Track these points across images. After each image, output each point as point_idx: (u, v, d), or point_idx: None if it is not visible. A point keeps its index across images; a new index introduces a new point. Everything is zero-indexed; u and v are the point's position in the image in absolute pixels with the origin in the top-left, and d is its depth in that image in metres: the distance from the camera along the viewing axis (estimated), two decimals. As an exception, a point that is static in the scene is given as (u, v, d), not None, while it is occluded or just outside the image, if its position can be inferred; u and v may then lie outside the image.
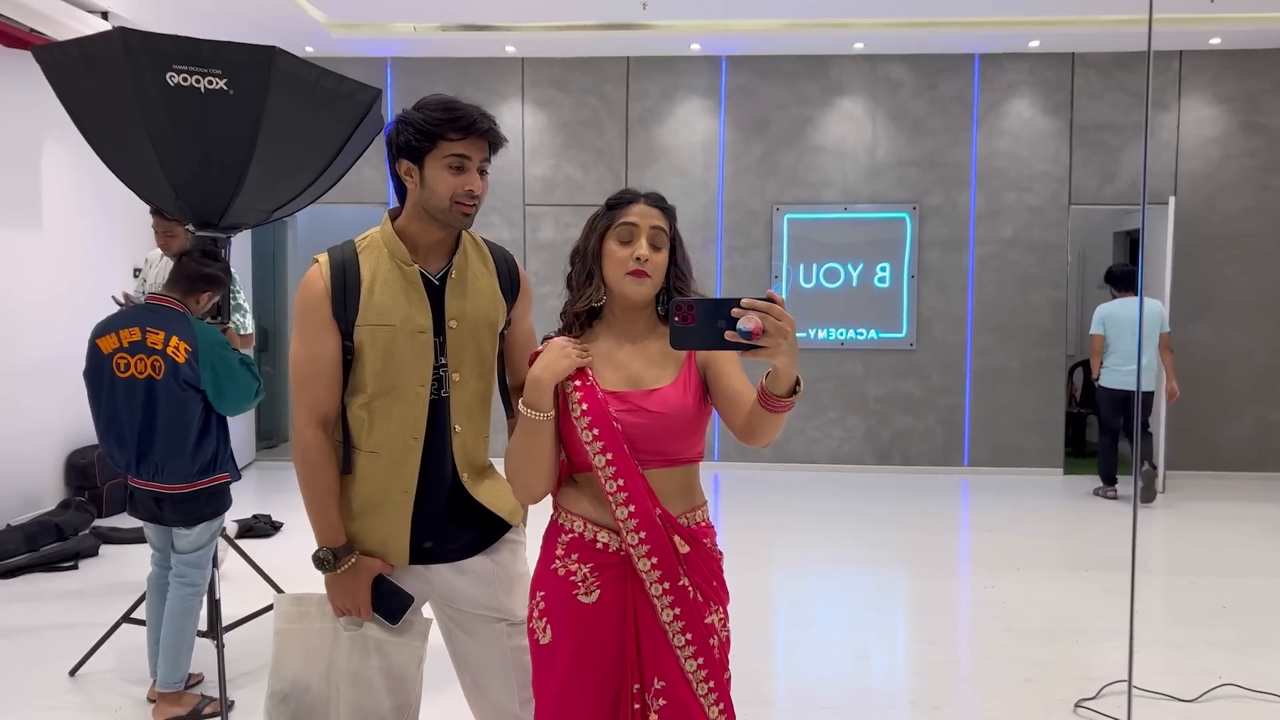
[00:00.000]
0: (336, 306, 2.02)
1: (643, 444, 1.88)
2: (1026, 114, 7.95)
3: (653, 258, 1.91)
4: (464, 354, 2.10)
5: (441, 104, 2.01)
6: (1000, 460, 8.05)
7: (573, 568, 1.92)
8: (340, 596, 2.06)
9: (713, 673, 1.89)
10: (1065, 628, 4.40)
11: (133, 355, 3.23)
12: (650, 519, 1.86)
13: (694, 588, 1.89)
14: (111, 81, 3.33)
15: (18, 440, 5.78)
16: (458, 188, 2.02)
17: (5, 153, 5.70)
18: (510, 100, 8.17)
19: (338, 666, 2.08)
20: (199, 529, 3.34)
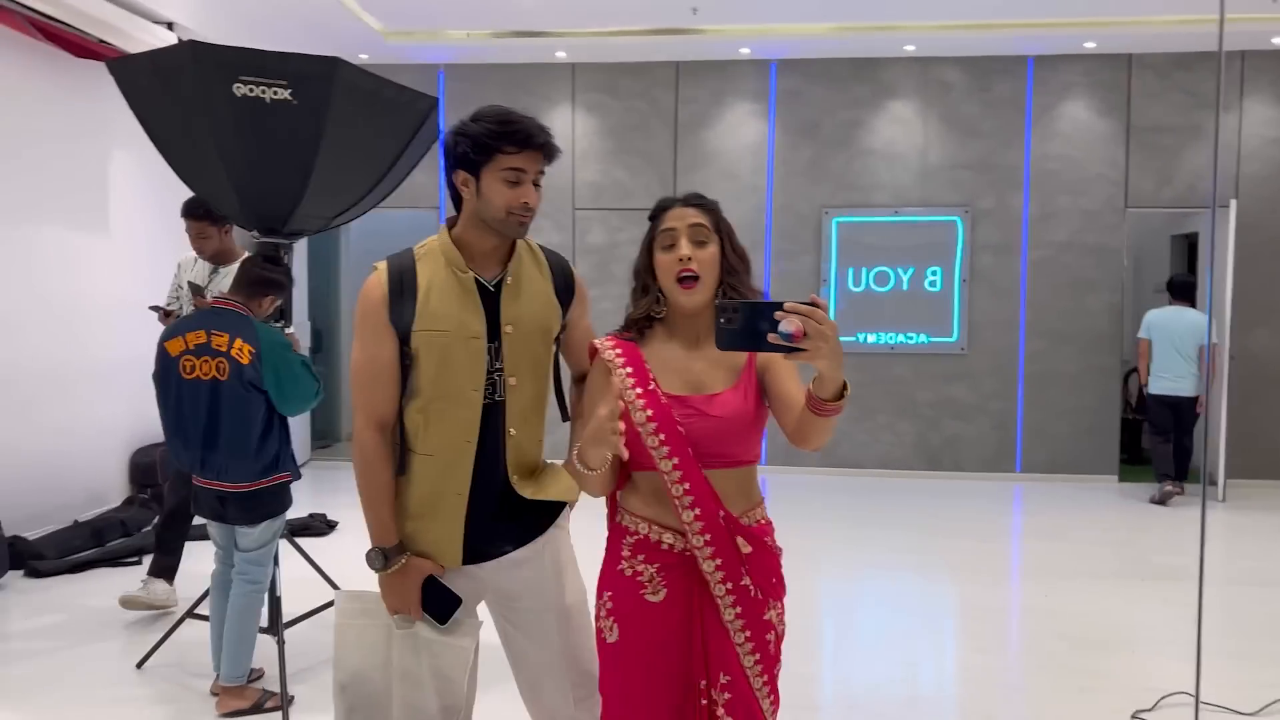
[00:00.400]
0: (394, 313, 2.07)
1: (705, 447, 1.92)
2: (1081, 116, 7.84)
3: (697, 254, 1.94)
4: (520, 359, 2.14)
5: (498, 117, 2.04)
6: (1053, 467, 7.94)
7: (639, 568, 1.97)
8: (391, 596, 2.12)
9: (766, 667, 1.97)
10: (1120, 637, 4.34)
11: (198, 357, 3.32)
12: (714, 521, 1.91)
13: (755, 586, 1.95)
14: (181, 92, 3.44)
15: (84, 439, 5.96)
16: (513, 200, 2.05)
17: (75, 160, 5.89)
18: (560, 105, 8.24)
19: (391, 663, 2.14)
20: (261, 527, 3.43)
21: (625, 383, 1.97)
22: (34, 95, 5.56)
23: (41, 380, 5.62)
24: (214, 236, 4.26)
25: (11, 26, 5.08)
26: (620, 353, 2.01)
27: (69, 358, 5.79)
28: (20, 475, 5.44)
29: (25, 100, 5.51)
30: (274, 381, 3.34)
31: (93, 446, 6.06)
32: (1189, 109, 7.73)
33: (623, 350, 2.01)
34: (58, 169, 5.75)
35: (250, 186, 3.56)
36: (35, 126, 5.58)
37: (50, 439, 5.70)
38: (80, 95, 5.87)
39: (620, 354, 2.01)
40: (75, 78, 5.81)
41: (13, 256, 5.44)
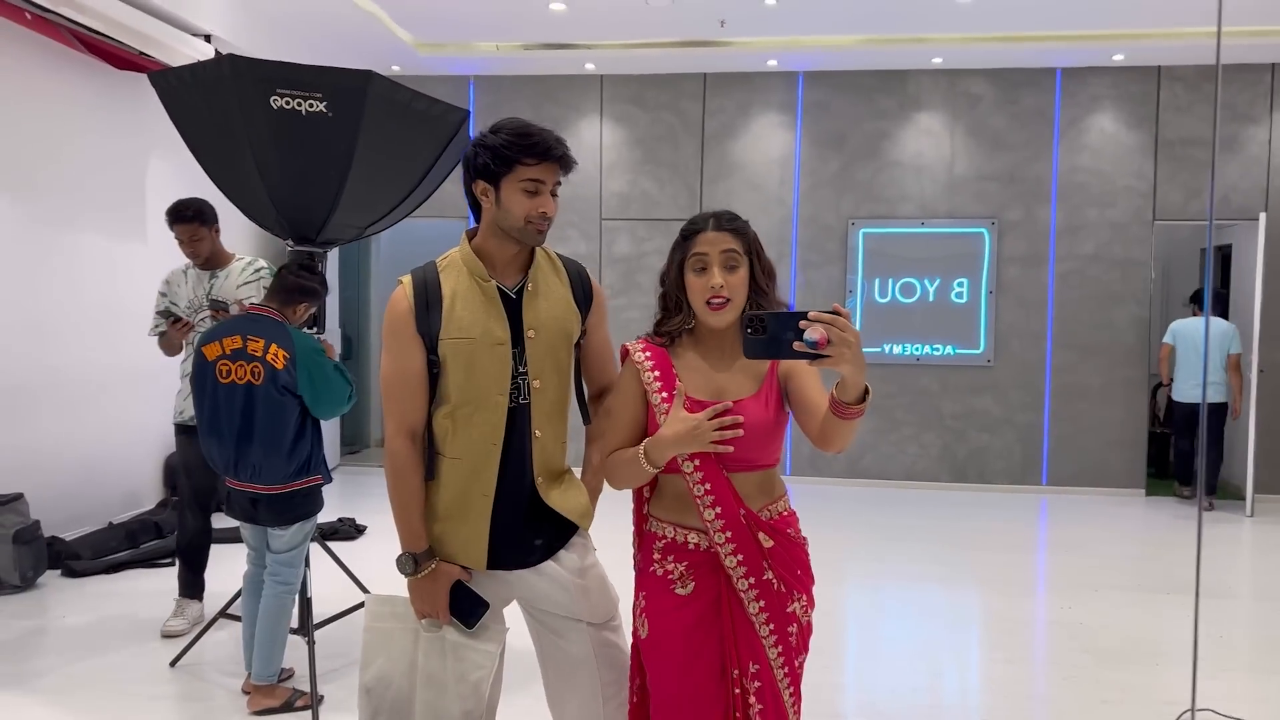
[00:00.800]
0: (420, 323, 2.14)
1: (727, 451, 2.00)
2: (1110, 128, 7.82)
3: (728, 281, 2.03)
4: (544, 362, 2.20)
5: (517, 130, 2.10)
6: (1080, 480, 7.90)
7: (670, 567, 2.09)
8: (420, 600, 2.17)
9: (788, 659, 2.07)
10: (1144, 651, 4.33)
11: (234, 362, 3.40)
12: (735, 519, 2.01)
13: (778, 579, 2.04)
14: (220, 104, 3.53)
15: (120, 443, 6.09)
16: (532, 209, 2.12)
17: (115, 168, 6.02)
18: (589, 116, 8.32)
19: (417, 666, 2.20)
20: (293, 529, 3.50)
21: (653, 385, 2.07)
22: (76, 106, 5.71)
23: (80, 385, 5.75)
24: (206, 238, 4.23)
25: (55, 39, 5.22)
26: (649, 355, 2.11)
27: (107, 363, 5.92)
28: (59, 478, 5.56)
29: (68, 111, 5.65)
30: (308, 386, 3.41)
31: (128, 450, 6.18)
32: (1220, 121, 7.66)
33: (652, 354, 2.12)
34: (98, 178, 5.89)
35: (285, 197, 3.64)
36: (77, 137, 5.72)
37: (88, 443, 5.82)
38: (121, 106, 6.01)
39: (649, 357, 2.11)
40: (116, 89, 5.95)
41: (55, 263, 5.57)
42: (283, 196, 3.63)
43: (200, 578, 4.42)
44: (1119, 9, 6.65)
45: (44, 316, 5.49)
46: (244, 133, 3.50)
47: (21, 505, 4.99)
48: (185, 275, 4.33)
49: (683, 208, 8.22)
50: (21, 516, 4.93)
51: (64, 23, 5.15)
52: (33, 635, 4.36)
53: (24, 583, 4.85)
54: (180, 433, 4.31)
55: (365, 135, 3.51)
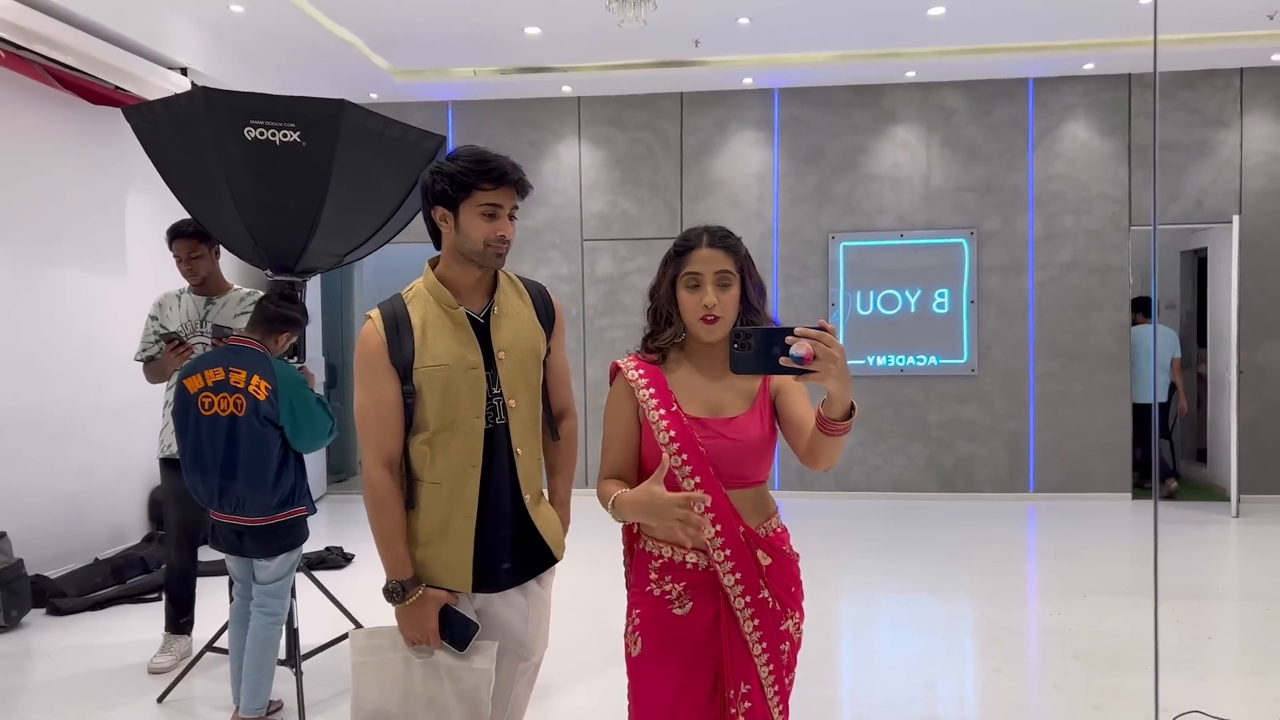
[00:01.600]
0: (394, 354, 2.16)
1: (723, 467, 2.04)
2: (1083, 136, 7.91)
3: (720, 299, 2.05)
4: (516, 381, 2.24)
5: (474, 156, 2.16)
6: (1067, 486, 7.93)
7: (667, 587, 2.08)
8: (410, 627, 2.18)
9: (779, 677, 2.08)
10: (1134, 656, 4.34)
11: (216, 394, 3.39)
12: (735, 536, 2.03)
13: (773, 598, 2.06)
14: (194, 137, 3.54)
15: (105, 478, 6.05)
16: (490, 233, 2.17)
17: (93, 203, 6.01)
18: (567, 138, 8.36)
19: (413, 693, 2.19)
20: (278, 560, 3.48)
21: (649, 403, 2.08)
22: (53, 142, 5.70)
23: (63, 421, 5.72)
24: (206, 257, 4.18)
25: (30, 76, 5.21)
26: (643, 373, 2.13)
27: (89, 398, 5.89)
28: (43, 515, 5.52)
29: (45, 147, 5.64)
30: (289, 418, 3.40)
31: (113, 485, 6.14)
32: (1192, 126, 7.79)
33: (645, 372, 2.13)
34: (77, 213, 5.88)
35: (262, 227, 3.64)
36: (55, 172, 5.72)
37: (72, 479, 5.78)
38: (97, 141, 6.01)
39: (643, 375, 2.12)
40: (92, 124, 5.95)
41: (36, 299, 5.55)
42: (259, 227, 3.63)
43: (188, 613, 4.38)
44: (1088, 19, 6.74)
45: (25, 352, 5.46)
46: (219, 164, 3.51)
47: (4, 544, 4.95)
48: (179, 299, 4.26)
49: (663, 226, 8.25)
50: (4, 555, 4.89)
51: (39, 59, 5.15)
52: (18, 676, 4.31)
53: (8, 623, 4.80)
54: (165, 467, 4.28)
55: (340, 164, 3.52)
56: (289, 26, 6.44)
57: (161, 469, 4.34)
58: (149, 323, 4.26)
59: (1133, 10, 6.54)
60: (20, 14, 4.81)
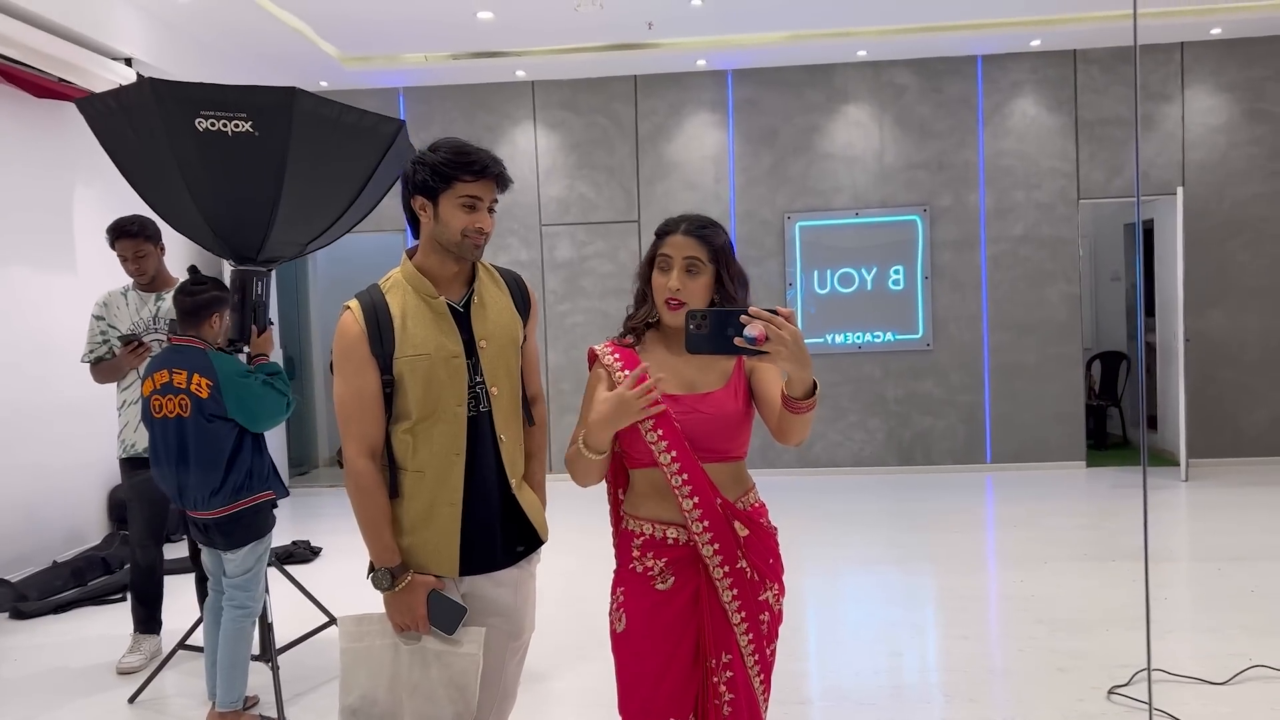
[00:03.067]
0: (374, 345, 2.17)
1: (699, 441, 2.09)
2: (1031, 112, 8.04)
3: (685, 286, 2.10)
4: (498, 369, 2.26)
5: (455, 148, 2.18)
6: (1023, 456, 8.11)
7: (649, 564, 2.13)
8: (398, 613, 2.19)
9: (758, 647, 2.14)
10: (1095, 618, 4.47)
11: (164, 396, 3.40)
12: (712, 508, 2.07)
13: (751, 568, 2.12)
14: (147, 128, 3.47)
15: (59, 478, 5.94)
16: (469, 224, 2.18)
17: (38, 198, 5.87)
18: (522, 123, 8.32)
19: (400, 679, 2.21)
20: (244, 552, 3.45)
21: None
22: (-6, 136, 5.55)
23: (16, 422, 5.60)
24: (151, 254, 4.15)
25: (-30, 69, 5.08)
26: (618, 357, 2.18)
27: (41, 398, 5.77)
28: (2, 518, 5.41)
29: (-14, 142, 5.50)
30: (238, 409, 3.39)
31: (68, 486, 6.03)
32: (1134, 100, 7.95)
33: (621, 356, 2.18)
34: (23, 209, 5.74)
35: (221, 218, 3.59)
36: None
37: (28, 480, 5.67)
38: (42, 135, 5.86)
39: (618, 357, 2.18)
40: (36, 117, 5.80)
41: (-20, 299, 5.42)
42: (218, 217, 3.58)
43: (156, 611, 4.33)
44: (1034, -4, 6.85)
45: (-27, 354, 5.34)
46: (172, 156, 3.44)
47: (-38, 549, 4.85)
48: (125, 297, 4.20)
49: (620, 210, 8.26)
50: (-38, 561, 4.79)
51: (-22, 52, 5.02)
52: (-18, 682, 4.24)
53: (-31, 629, 4.71)
54: (127, 466, 4.22)
55: (295, 152, 3.47)
56: (235, 14, 6.34)
57: (122, 468, 4.27)
58: (94, 323, 4.18)
59: (1077, -13, 6.66)
60: (-43, 5, 4.68)
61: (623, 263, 8.22)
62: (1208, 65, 7.91)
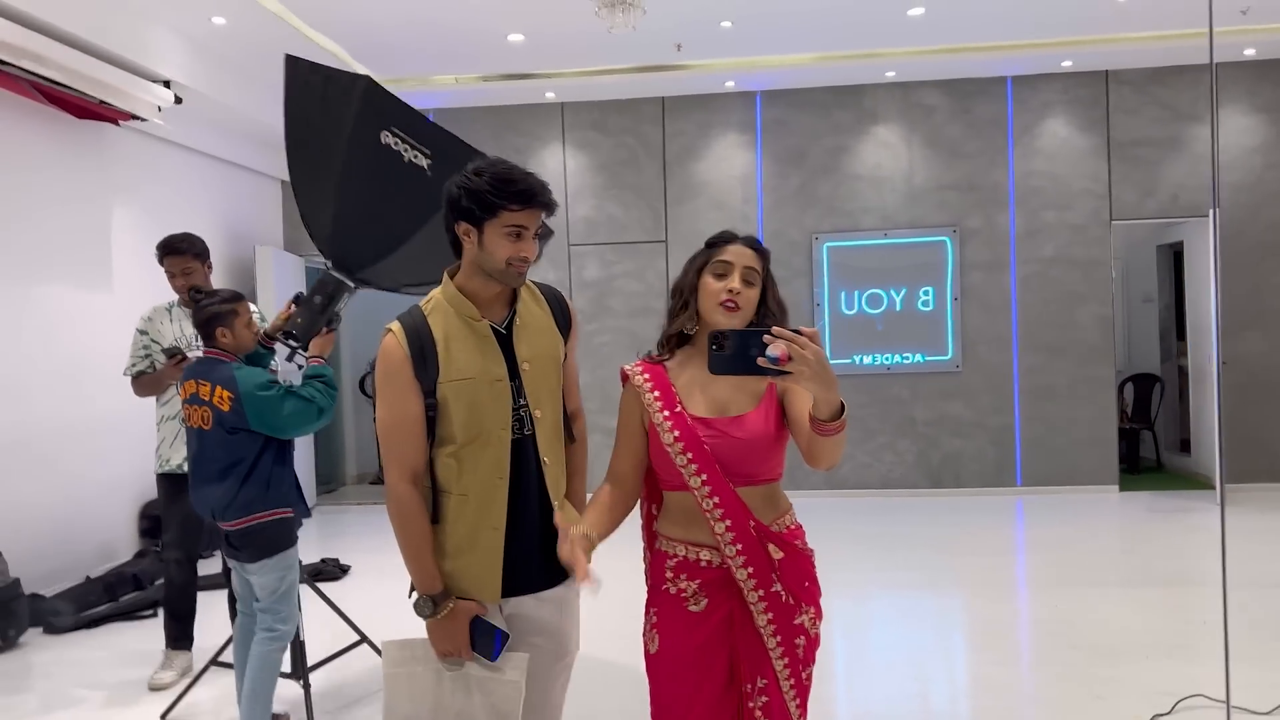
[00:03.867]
0: (418, 369, 2.15)
1: (730, 466, 2.07)
2: (1062, 133, 8.00)
3: (744, 291, 2.10)
4: (541, 392, 2.23)
5: (501, 175, 2.12)
6: (1054, 479, 8.02)
7: (683, 585, 2.11)
8: (441, 640, 2.17)
9: (794, 671, 2.10)
10: (1131, 644, 4.40)
11: (192, 406, 3.42)
12: (745, 531, 2.06)
13: (786, 592, 2.09)
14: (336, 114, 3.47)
15: (94, 495, 6.00)
16: (514, 253, 2.15)
17: (78, 218, 5.97)
18: (551, 144, 8.38)
19: (444, 706, 2.18)
20: (269, 569, 3.40)
21: (654, 405, 2.12)
22: (37, 157, 5.66)
23: (52, 439, 5.67)
24: (198, 272, 4.21)
25: (15, 91, 5.18)
26: (648, 377, 2.16)
27: (77, 415, 5.84)
28: (35, 533, 5.47)
29: (29, 162, 5.60)
30: (259, 421, 3.35)
31: (101, 502, 6.09)
32: (1167, 121, 7.90)
33: (650, 375, 2.16)
34: (62, 229, 5.84)
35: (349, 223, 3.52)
36: (40, 188, 5.67)
37: (62, 497, 5.74)
38: (82, 156, 5.97)
39: (648, 378, 2.16)
40: (77, 138, 5.91)
41: (22, 316, 5.50)
42: (347, 221, 3.50)
43: (188, 627, 4.35)
44: (1065, 17, 6.83)
45: (13, 371, 5.41)
46: (344, 149, 3.44)
47: (0, 563, 4.90)
48: (169, 313, 4.28)
49: (649, 230, 8.28)
50: (1, 575, 4.84)
51: (23, 75, 5.11)
52: (20, 695, 4.27)
53: (6, 642, 4.75)
54: (163, 481, 4.26)
55: None
56: (270, 36, 6.42)
57: (159, 484, 4.31)
58: (137, 337, 4.25)
59: (1109, 8, 6.63)
60: (5, 30, 4.77)
61: (650, 283, 8.24)
62: (1242, 86, 7.85)
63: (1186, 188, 7.89)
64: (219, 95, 6.63)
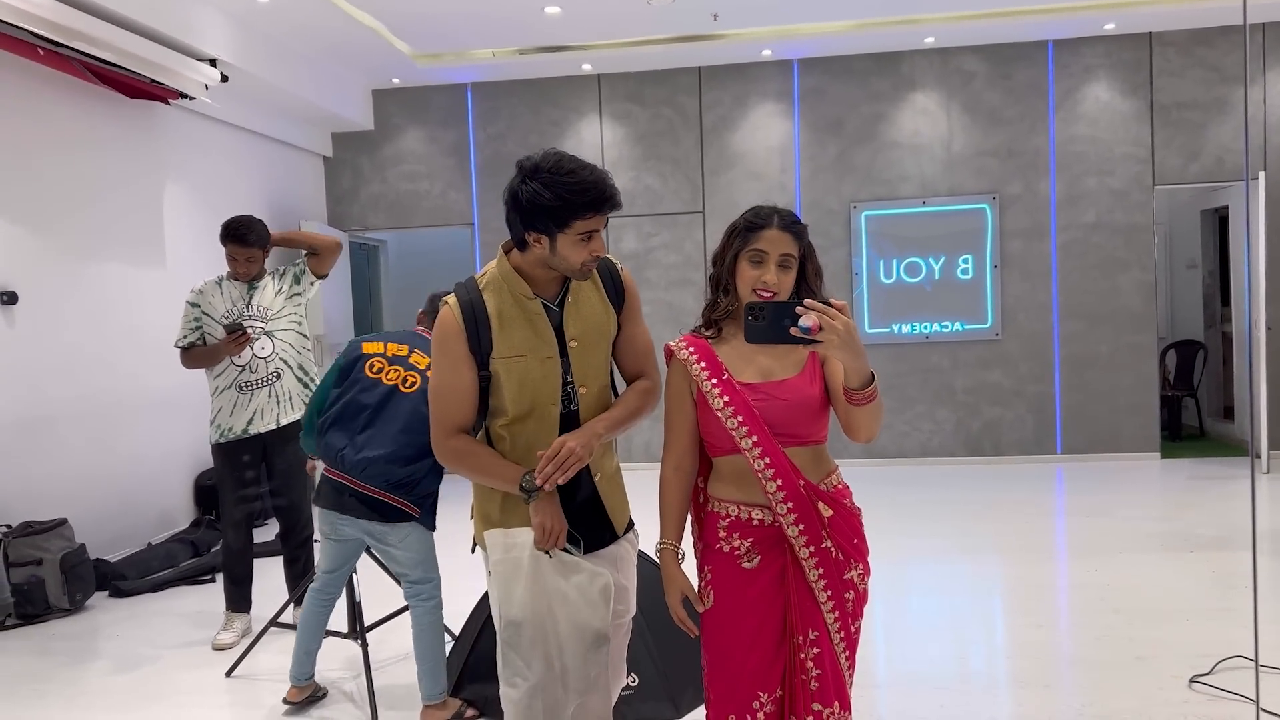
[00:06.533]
0: (471, 343, 2.22)
1: (778, 427, 2.15)
2: (1105, 97, 7.90)
3: (780, 281, 2.17)
4: (587, 368, 2.30)
5: (573, 186, 2.09)
6: (1095, 446, 7.99)
7: (736, 544, 2.20)
8: (547, 515, 2.18)
9: (844, 624, 2.20)
10: (1173, 608, 4.42)
11: (390, 364, 3.42)
12: (795, 490, 2.14)
13: (836, 548, 2.18)
14: None
15: (152, 464, 6.20)
16: (588, 255, 2.19)
17: (131, 196, 6.12)
18: (588, 116, 8.41)
19: (548, 588, 2.22)
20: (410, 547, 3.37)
21: (701, 375, 2.19)
22: (91, 136, 5.80)
23: (111, 412, 5.86)
24: (259, 260, 4.38)
25: (68, 71, 5.31)
26: (693, 351, 2.23)
27: (134, 389, 6.03)
28: (97, 502, 5.68)
29: (83, 142, 5.75)
30: None
31: (160, 472, 6.29)
32: (1212, 84, 7.77)
33: (695, 349, 2.24)
34: (116, 207, 5.99)
35: None
36: (93, 167, 5.82)
37: (124, 467, 5.93)
38: (134, 134, 6.11)
39: (693, 351, 2.23)
40: (129, 117, 6.05)
41: (80, 293, 5.68)
42: None
43: (246, 591, 4.52)
44: (1107, -21, 6.73)
45: (73, 345, 5.59)
46: None
47: (66, 530, 5.10)
48: (220, 286, 4.41)
49: (686, 201, 8.31)
50: (67, 541, 5.04)
51: (76, 55, 5.24)
52: (87, 655, 4.46)
53: (73, 605, 4.95)
54: (220, 451, 4.40)
55: None
56: (312, 14, 6.52)
57: (215, 453, 4.45)
58: (188, 309, 4.37)
59: (1153, -31, 6.53)
60: (58, 11, 4.90)
61: (688, 253, 8.28)
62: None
63: (1232, 151, 7.77)
64: (264, 73, 6.73)
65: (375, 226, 8.78)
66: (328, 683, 3.83)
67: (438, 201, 8.60)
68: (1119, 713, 3.37)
